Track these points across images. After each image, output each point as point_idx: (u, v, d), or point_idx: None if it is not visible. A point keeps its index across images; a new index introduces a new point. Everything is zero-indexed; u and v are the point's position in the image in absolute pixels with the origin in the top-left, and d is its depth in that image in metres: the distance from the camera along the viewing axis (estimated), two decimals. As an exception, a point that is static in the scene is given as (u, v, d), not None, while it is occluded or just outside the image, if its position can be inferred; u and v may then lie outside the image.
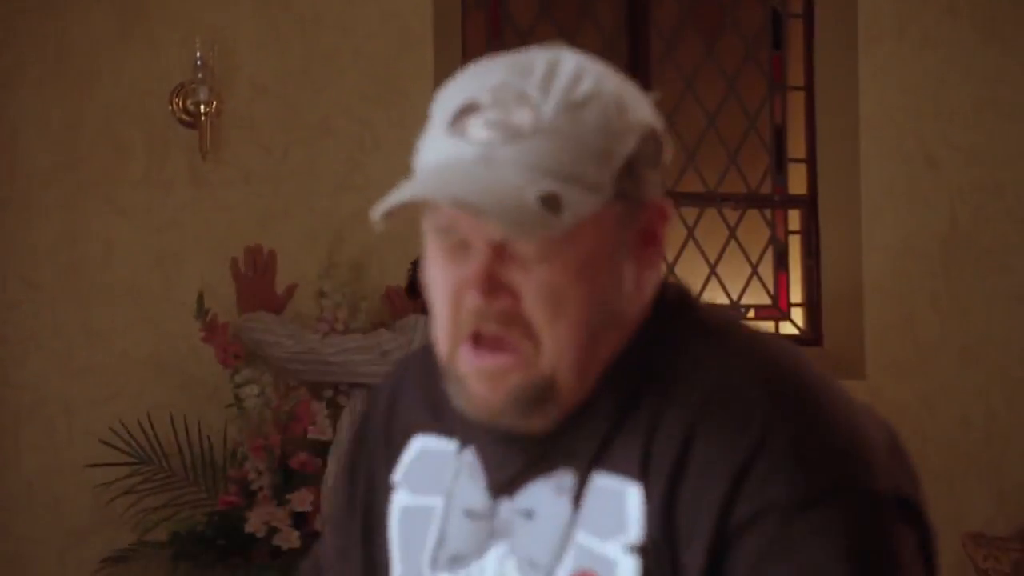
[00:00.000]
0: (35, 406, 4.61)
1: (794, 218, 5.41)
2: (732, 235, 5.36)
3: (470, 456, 1.50)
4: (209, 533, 4.42)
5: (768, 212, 5.40)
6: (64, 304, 4.65)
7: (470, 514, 1.47)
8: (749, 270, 5.36)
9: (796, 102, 5.41)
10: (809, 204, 5.38)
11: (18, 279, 4.63)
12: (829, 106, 5.35)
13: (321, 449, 4.47)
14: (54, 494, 4.60)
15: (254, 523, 4.33)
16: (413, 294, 4.39)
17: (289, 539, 4.33)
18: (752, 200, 5.38)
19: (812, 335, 5.35)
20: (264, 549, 4.37)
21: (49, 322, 4.64)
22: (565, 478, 1.42)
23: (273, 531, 4.34)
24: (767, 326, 5.36)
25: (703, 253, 5.32)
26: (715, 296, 5.33)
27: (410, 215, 1.43)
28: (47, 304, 4.64)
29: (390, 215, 1.40)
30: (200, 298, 4.48)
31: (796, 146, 5.42)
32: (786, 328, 5.37)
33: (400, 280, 4.73)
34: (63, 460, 4.61)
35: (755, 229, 5.38)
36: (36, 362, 4.62)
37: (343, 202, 4.82)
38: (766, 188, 5.39)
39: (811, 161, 5.39)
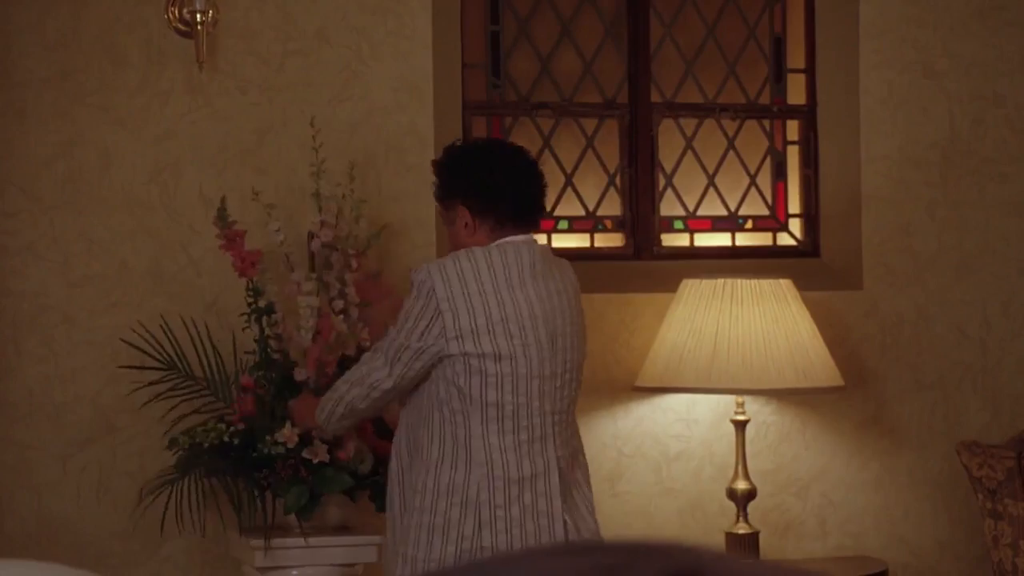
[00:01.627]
0: (35, 315, 4.64)
1: (793, 128, 5.40)
2: (731, 146, 5.35)
3: None
4: (230, 443, 4.41)
5: (767, 122, 5.39)
6: (62, 214, 4.66)
7: None
8: (747, 181, 5.36)
9: (796, 12, 5.39)
10: (808, 114, 5.37)
11: (16, 189, 4.64)
12: (829, 16, 5.32)
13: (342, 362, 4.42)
14: (55, 402, 4.63)
15: (287, 434, 4.31)
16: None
17: (318, 452, 4.32)
18: (751, 110, 5.37)
19: (810, 246, 5.36)
20: (291, 462, 4.35)
21: (47, 232, 4.65)
22: None
23: (303, 444, 4.32)
24: (765, 236, 5.37)
25: (701, 164, 5.32)
26: (713, 206, 5.33)
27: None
28: (45, 214, 4.65)
29: None
30: (223, 203, 4.45)
31: (795, 56, 5.40)
32: (784, 239, 5.38)
33: (396, 185, 4.74)
34: (63, 368, 4.64)
35: (753, 140, 5.38)
36: (35, 272, 4.64)
37: (340, 112, 4.81)
38: (765, 98, 5.38)
39: (810, 71, 5.37)
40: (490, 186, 3.73)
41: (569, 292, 3.79)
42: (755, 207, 5.36)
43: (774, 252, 5.34)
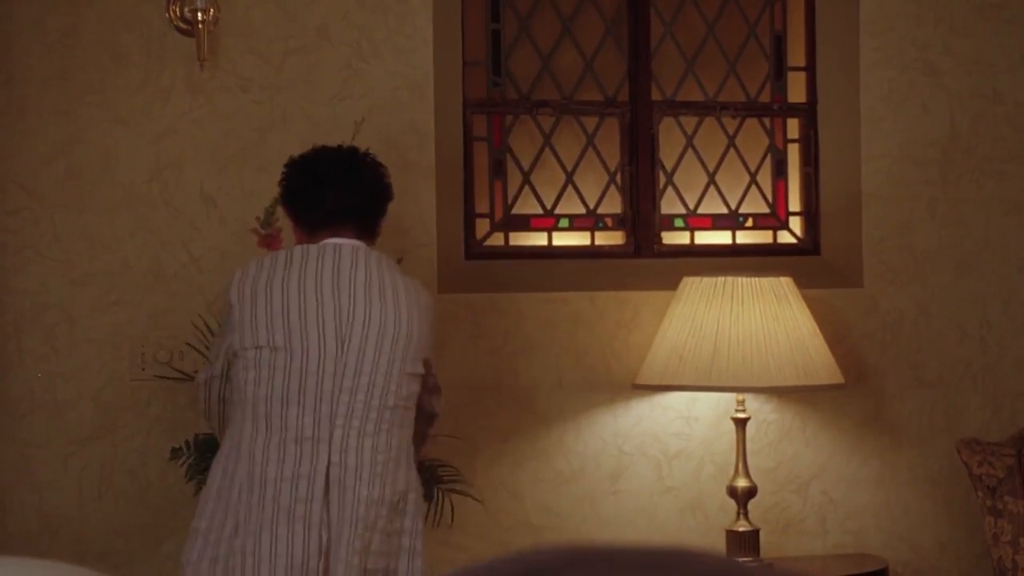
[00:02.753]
0: (36, 313, 4.64)
1: (793, 126, 5.40)
2: (731, 144, 5.35)
3: None
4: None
5: (767, 120, 5.39)
6: (63, 212, 4.66)
7: None
8: (748, 179, 5.36)
9: (796, 9, 5.39)
10: (808, 112, 5.37)
11: (17, 187, 4.65)
12: (829, 13, 5.33)
13: None
14: (56, 400, 4.64)
15: None
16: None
17: None
18: (751, 108, 5.37)
19: (810, 244, 5.36)
20: None
21: (49, 230, 4.65)
22: None
23: None
24: (766, 235, 5.38)
25: (702, 162, 5.32)
26: (714, 204, 5.33)
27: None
28: (46, 212, 4.65)
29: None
30: (272, 205, 4.38)
31: (796, 54, 5.40)
32: (784, 237, 5.38)
33: (396, 183, 4.75)
34: (65, 366, 4.64)
35: (754, 138, 5.38)
36: (36, 269, 4.64)
37: (340, 110, 4.81)
38: (765, 96, 5.38)
39: (810, 69, 5.37)
40: (303, 192, 3.78)
41: (391, 301, 3.66)
42: (755, 205, 5.37)
43: (774, 250, 5.34)
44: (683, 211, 5.31)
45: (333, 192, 3.75)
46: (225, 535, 3.53)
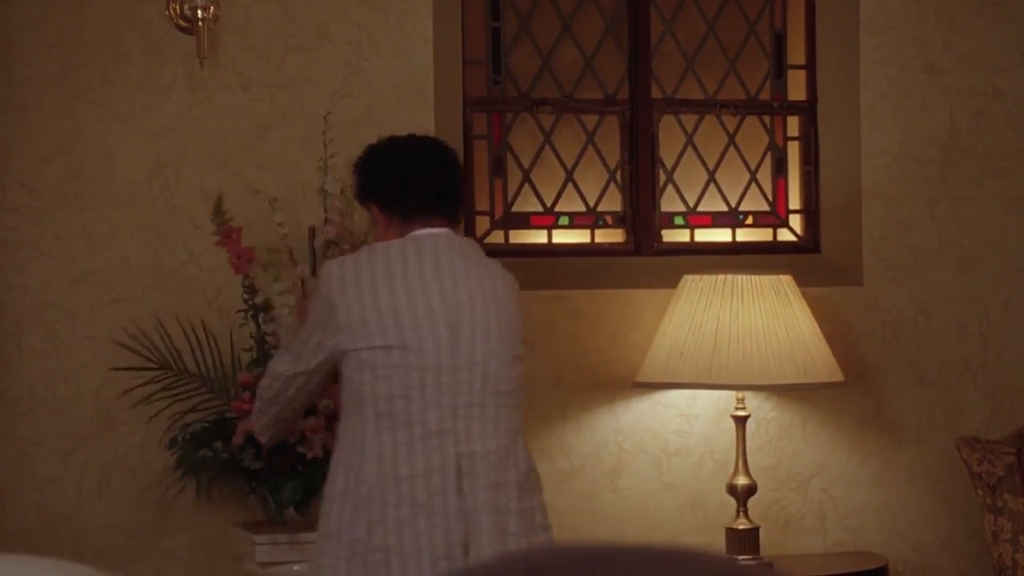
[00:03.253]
0: (36, 311, 4.64)
1: (793, 124, 5.40)
2: (731, 142, 5.36)
3: None
4: (219, 439, 4.43)
5: (767, 118, 5.39)
6: (64, 209, 4.66)
7: None
8: (748, 177, 5.37)
9: (796, 7, 5.39)
10: (808, 110, 5.38)
11: (17, 185, 4.65)
12: (829, 11, 5.33)
13: None
14: (56, 398, 4.64)
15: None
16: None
17: (313, 447, 4.33)
18: (751, 106, 5.37)
19: (810, 242, 5.37)
20: (285, 457, 4.36)
21: (49, 228, 4.66)
22: None
23: (297, 439, 4.33)
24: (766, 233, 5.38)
25: (702, 159, 5.32)
26: (714, 202, 5.34)
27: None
28: (47, 209, 4.66)
29: None
30: (219, 201, 4.47)
31: (796, 52, 5.40)
32: (784, 235, 5.38)
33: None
34: (65, 364, 4.64)
35: (754, 135, 5.38)
36: (36, 267, 4.65)
37: (341, 108, 4.81)
38: (765, 94, 5.39)
39: (810, 67, 5.37)
40: (395, 182, 3.70)
41: (489, 286, 3.66)
42: (755, 203, 5.37)
43: (774, 248, 5.34)
44: (683, 209, 5.31)
45: (426, 181, 3.70)
46: (359, 535, 3.52)
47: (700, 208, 5.32)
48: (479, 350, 3.60)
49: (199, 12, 4.60)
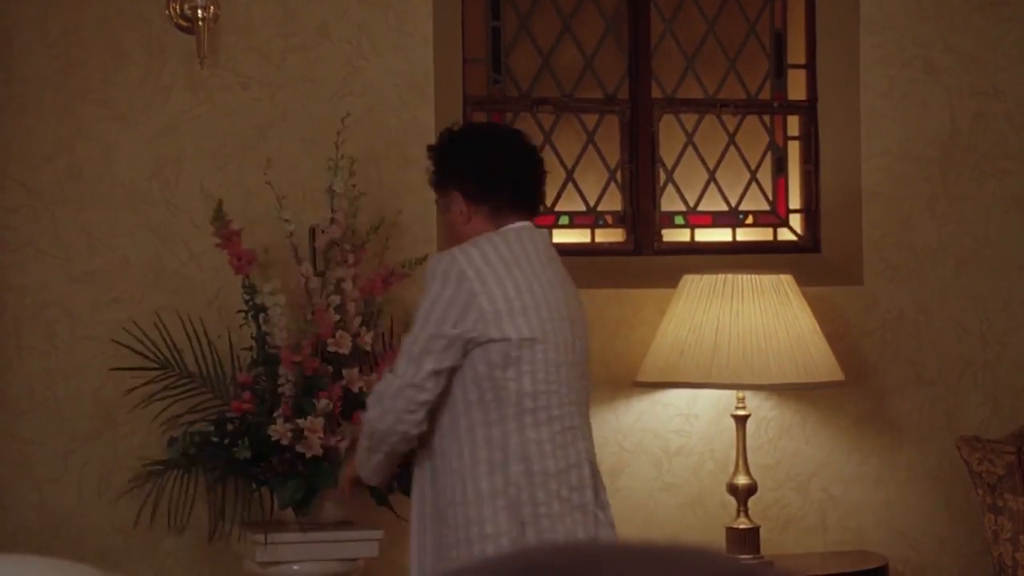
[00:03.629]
0: (36, 310, 4.64)
1: (793, 124, 5.40)
2: (731, 141, 5.36)
3: None
4: (219, 438, 4.43)
5: (767, 118, 5.39)
6: (64, 209, 4.66)
7: None
8: (748, 176, 5.37)
9: (796, 7, 5.39)
10: (808, 110, 5.38)
11: (17, 184, 4.65)
12: (829, 11, 5.33)
13: (335, 360, 4.44)
14: (56, 398, 4.64)
15: (279, 429, 4.31)
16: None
17: (312, 447, 4.32)
18: (751, 106, 5.37)
19: (810, 241, 5.37)
20: (285, 457, 4.35)
21: (49, 227, 4.66)
22: None
23: (297, 438, 4.32)
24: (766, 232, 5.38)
25: (702, 159, 5.32)
26: (714, 201, 5.34)
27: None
28: (47, 209, 4.65)
29: None
30: (219, 205, 4.47)
31: (796, 51, 5.40)
32: (784, 234, 5.38)
33: (396, 181, 4.75)
34: (65, 364, 4.64)
35: (754, 135, 5.38)
36: (36, 267, 4.65)
37: (341, 108, 4.81)
38: (765, 94, 5.39)
39: (811, 67, 5.37)
40: (485, 171, 3.58)
41: (571, 282, 3.68)
42: (755, 202, 5.37)
43: (774, 247, 5.35)
44: (683, 208, 5.31)
45: (519, 175, 3.62)
46: (514, 536, 3.47)
47: (700, 208, 5.32)
48: (579, 348, 3.62)
49: (199, 12, 4.60)
